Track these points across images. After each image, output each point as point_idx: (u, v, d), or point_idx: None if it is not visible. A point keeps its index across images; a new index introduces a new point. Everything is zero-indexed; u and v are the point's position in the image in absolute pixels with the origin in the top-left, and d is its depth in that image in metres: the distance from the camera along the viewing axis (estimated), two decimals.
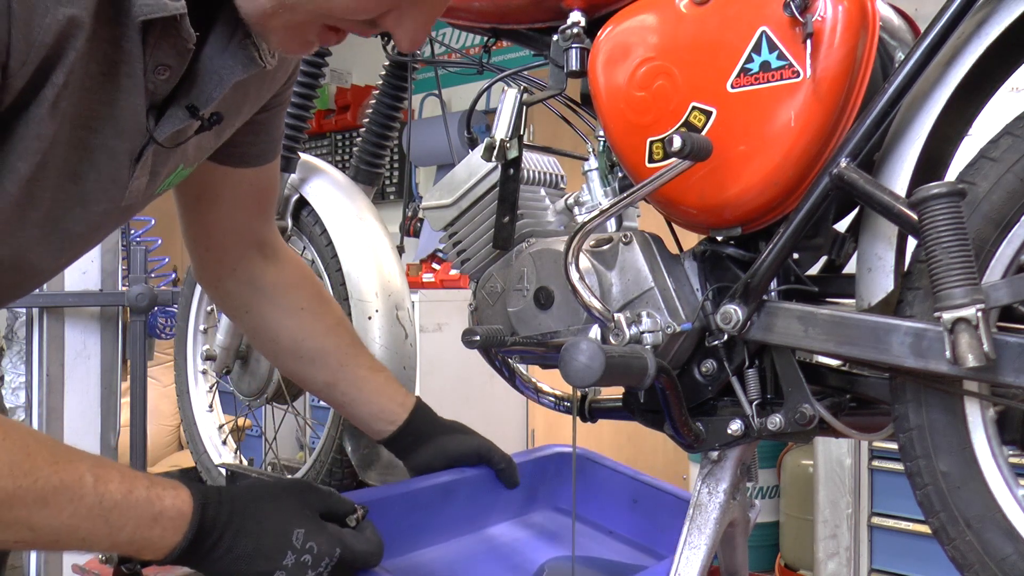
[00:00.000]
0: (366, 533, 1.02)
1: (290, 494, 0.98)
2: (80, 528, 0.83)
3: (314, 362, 1.28)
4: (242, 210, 1.18)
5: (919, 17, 1.09)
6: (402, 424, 1.27)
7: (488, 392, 3.58)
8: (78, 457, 0.85)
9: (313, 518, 0.98)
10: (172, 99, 0.85)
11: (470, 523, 1.29)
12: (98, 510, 0.84)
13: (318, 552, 0.95)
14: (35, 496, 0.80)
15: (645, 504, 1.33)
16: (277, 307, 1.27)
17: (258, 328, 1.30)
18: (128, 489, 0.86)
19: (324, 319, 1.29)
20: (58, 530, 0.82)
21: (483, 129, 3.56)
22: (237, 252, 1.23)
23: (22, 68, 0.70)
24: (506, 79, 1.28)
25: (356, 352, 1.30)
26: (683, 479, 3.49)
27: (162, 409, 3.86)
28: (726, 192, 1.02)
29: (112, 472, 0.86)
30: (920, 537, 2.40)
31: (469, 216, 1.26)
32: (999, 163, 0.89)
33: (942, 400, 0.91)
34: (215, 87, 0.85)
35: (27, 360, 2.63)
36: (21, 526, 0.80)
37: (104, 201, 0.88)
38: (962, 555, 0.90)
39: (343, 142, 5.36)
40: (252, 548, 0.93)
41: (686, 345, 1.07)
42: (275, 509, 0.96)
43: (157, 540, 0.88)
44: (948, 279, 0.84)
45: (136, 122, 0.83)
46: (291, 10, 0.80)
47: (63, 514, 0.82)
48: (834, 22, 0.96)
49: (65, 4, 0.70)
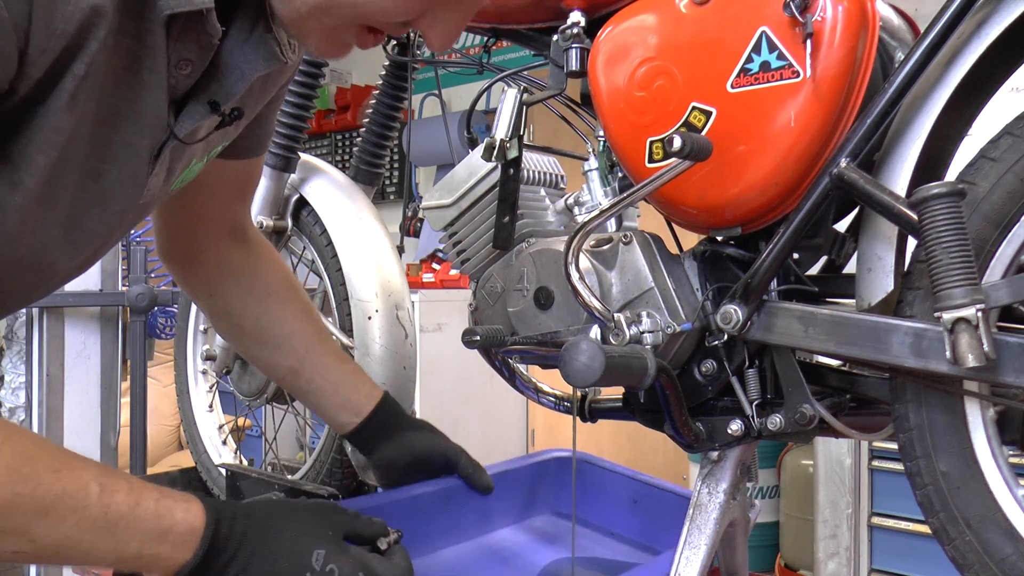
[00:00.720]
0: (394, 558, 0.96)
1: (311, 513, 0.94)
2: (83, 540, 0.79)
3: (279, 348, 1.25)
4: (222, 198, 1.17)
5: (919, 17, 1.09)
6: (367, 416, 1.23)
7: (488, 392, 3.58)
8: (83, 465, 0.81)
9: (335, 539, 0.92)
10: (191, 94, 0.84)
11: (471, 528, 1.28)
12: (103, 522, 0.80)
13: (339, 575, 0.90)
14: (35, 505, 0.76)
15: (646, 504, 1.33)
16: (243, 291, 1.25)
17: (222, 311, 1.28)
18: (136, 501, 0.82)
19: (291, 305, 1.27)
20: (60, 542, 0.78)
21: (483, 129, 3.56)
22: (209, 235, 1.22)
23: (41, 56, 0.68)
24: (506, 79, 1.28)
25: (322, 340, 1.27)
26: (683, 479, 3.49)
27: (162, 409, 3.86)
28: (726, 192, 1.02)
29: (119, 482, 0.82)
30: (920, 537, 2.40)
31: (469, 216, 1.26)
32: (999, 163, 0.89)
33: (942, 400, 0.91)
34: (236, 82, 0.83)
35: (27, 360, 2.63)
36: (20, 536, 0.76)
37: (123, 199, 0.85)
38: (962, 555, 0.90)
39: (343, 142, 5.36)
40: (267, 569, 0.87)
41: (686, 345, 1.07)
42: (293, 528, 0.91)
43: (166, 557, 0.84)
44: (948, 279, 0.84)
45: (157, 118, 0.81)
46: (327, 13, 0.79)
47: (65, 524, 0.78)
48: (834, 22, 0.96)
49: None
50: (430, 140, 4.02)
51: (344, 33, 0.83)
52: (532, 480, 1.36)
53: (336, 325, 1.53)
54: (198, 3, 0.75)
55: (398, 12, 0.80)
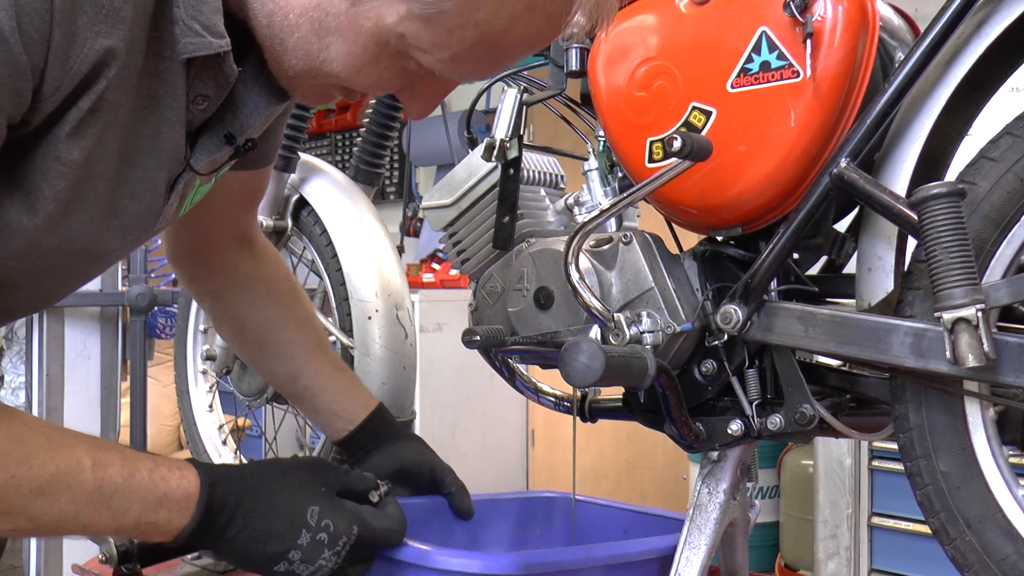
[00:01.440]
0: (388, 510, 1.00)
1: (303, 471, 0.97)
2: (81, 515, 0.82)
3: (278, 355, 1.27)
4: (229, 207, 1.18)
5: (919, 17, 1.09)
6: (359, 424, 1.25)
7: (488, 392, 3.58)
8: (75, 441, 0.84)
9: (329, 495, 0.95)
10: (205, 127, 0.86)
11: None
12: (98, 495, 0.82)
13: (335, 530, 0.93)
14: (31, 485, 0.78)
15: (636, 532, 1.31)
16: (247, 297, 1.27)
17: (224, 315, 1.29)
18: (130, 472, 0.85)
19: (293, 313, 1.28)
20: (58, 518, 0.81)
21: (483, 129, 3.56)
22: (216, 242, 1.23)
23: (55, 94, 0.71)
24: (506, 79, 1.28)
25: (322, 349, 1.29)
26: (683, 479, 3.49)
27: (162, 409, 3.86)
28: (726, 192, 1.02)
29: (112, 455, 0.85)
30: (920, 537, 2.40)
31: (469, 216, 1.26)
32: (999, 163, 0.89)
33: (942, 400, 0.91)
34: (250, 114, 0.86)
35: (27, 360, 2.63)
36: (18, 515, 0.79)
37: (139, 229, 0.88)
38: (962, 555, 0.90)
39: (343, 142, 5.36)
40: (265, 528, 0.91)
41: (686, 345, 1.07)
42: (288, 487, 0.94)
43: (163, 523, 0.87)
44: (948, 279, 0.84)
45: (175, 151, 0.84)
46: (313, 78, 0.82)
47: (61, 501, 0.80)
48: (834, 22, 0.96)
49: (104, 35, 0.70)
50: (430, 140, 4.02)
51: (330, 90, 0.86)
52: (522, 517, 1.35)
53: (336, 325, 1.53)
54: (216, 47, 0.77)
55: (379, 88, 0.83)
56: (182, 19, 0.76)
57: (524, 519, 1.37)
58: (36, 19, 0.67)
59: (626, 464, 3.69)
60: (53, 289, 0.91)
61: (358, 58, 0.78)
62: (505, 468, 3.85)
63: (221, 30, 0.77)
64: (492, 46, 0.77)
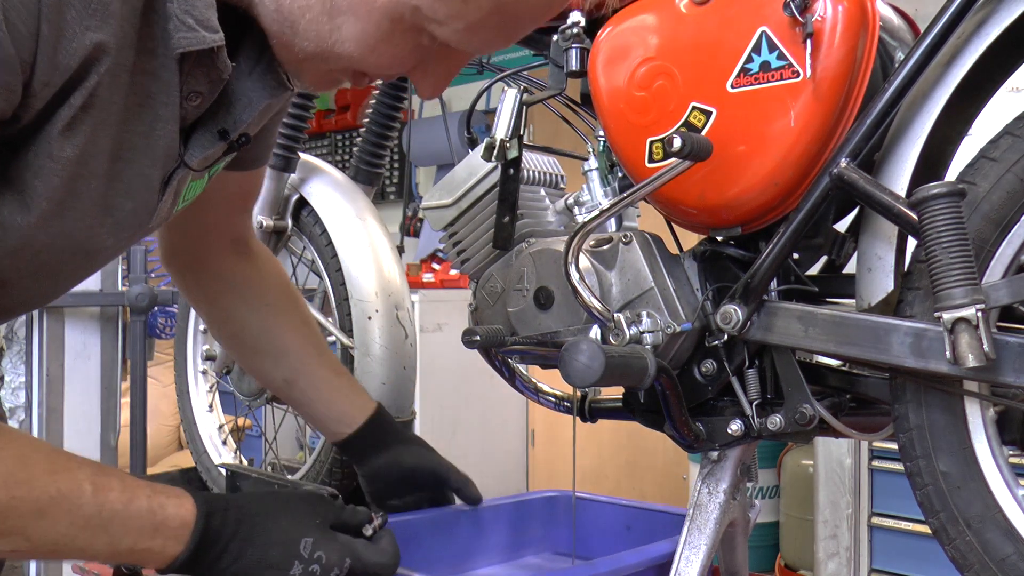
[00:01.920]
0: (381, 543, 1.00)
1: (298, 503, 0.97)
2: (78, 538, 0.82)
3: (275, 359, 1.27)
4: (224, 209, 1.18)
5: (919, 17, 1.09)
6: (358, 428, 1.25)
7: (488, 392, 3.58)
8: (77, 465, 0.84)
9: (322, 527, 0.96)
10: (200, 122, 0.86)
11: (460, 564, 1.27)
12: (97, 520, 0.83)
13: (327, 562, 0.93)
14: (31, 506, 0.79)
15: (639, 528, 1.32)
16: (243, 301, 1.26)
17: (221, 320, 1.29)
18: (129, 499, 0.85)
19: (289, 317, 1.28)
20: (56, 540, 0.81)
21: (483, 129, 3.56)
22: (211, 246, 1.23)
23: (44, 89, 0.71)
24: (506, 79, 1.28)
25: (319, 353, 1.29)
26: (683, 479, 3.49)
27: (162, 409, 3.86)
28: (726, 192, 1.02)
29: (112, 481, 0.85)
30: (920, 537, 2.40)
31: (469, 216, 1.26)
32: (999, 163, 0.89)
33: (942, 400, 0.91)
34: (244, 110, 0.86)
35: (27, 360, 2.63)
36: (17, 536, 0.79)
37: (133, 227, 0.88)
38: (962, 555, 0.90)
39: (343, 142, 5.36)
40: (258, 558, 0.91)
41: (686, 345, 1.07)
42: (282, 518, 0.94)
43: (159, 550, 0.87)
44: (948, 279, 0.84)
45: (170, 148, 0.84)
46: (323, 60, 0.81)
47: (60, 524, 0.81)
48: (834, 22, 0.96)
49: (94, 29, 0.70)
50: (430, 140, 4.02)
51: (339, 75, 0.85)
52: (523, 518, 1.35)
53: (336, 325, 1.53)
54: (209, 41, 0.76)
55: (392, 67, 0.83)
56: (176, 14, 0.75)
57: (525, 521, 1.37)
58: (23, 12, 0.66)
59: (626, 464, 3.69)
60: (47, 287, 0.91)
61: (372, 36, 0.78)
62: (505, 468, 3.85)
63: (215, 25, 0.76)
64: (507, 14, 0.77)
